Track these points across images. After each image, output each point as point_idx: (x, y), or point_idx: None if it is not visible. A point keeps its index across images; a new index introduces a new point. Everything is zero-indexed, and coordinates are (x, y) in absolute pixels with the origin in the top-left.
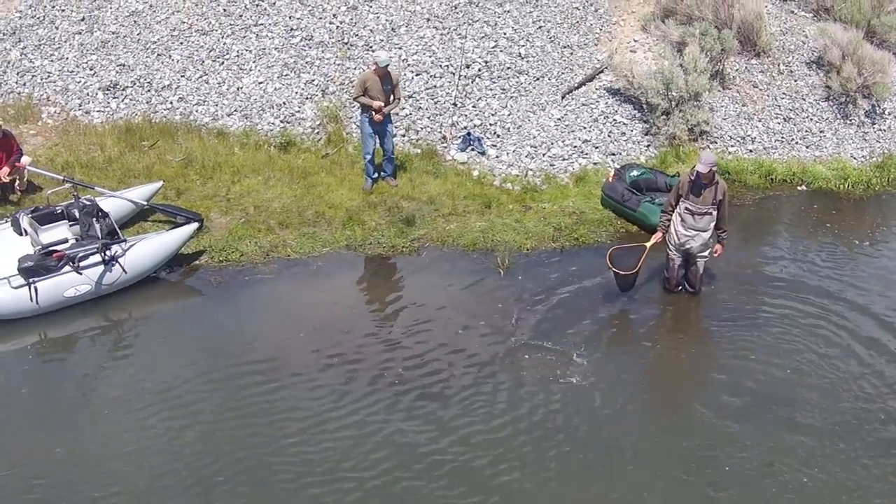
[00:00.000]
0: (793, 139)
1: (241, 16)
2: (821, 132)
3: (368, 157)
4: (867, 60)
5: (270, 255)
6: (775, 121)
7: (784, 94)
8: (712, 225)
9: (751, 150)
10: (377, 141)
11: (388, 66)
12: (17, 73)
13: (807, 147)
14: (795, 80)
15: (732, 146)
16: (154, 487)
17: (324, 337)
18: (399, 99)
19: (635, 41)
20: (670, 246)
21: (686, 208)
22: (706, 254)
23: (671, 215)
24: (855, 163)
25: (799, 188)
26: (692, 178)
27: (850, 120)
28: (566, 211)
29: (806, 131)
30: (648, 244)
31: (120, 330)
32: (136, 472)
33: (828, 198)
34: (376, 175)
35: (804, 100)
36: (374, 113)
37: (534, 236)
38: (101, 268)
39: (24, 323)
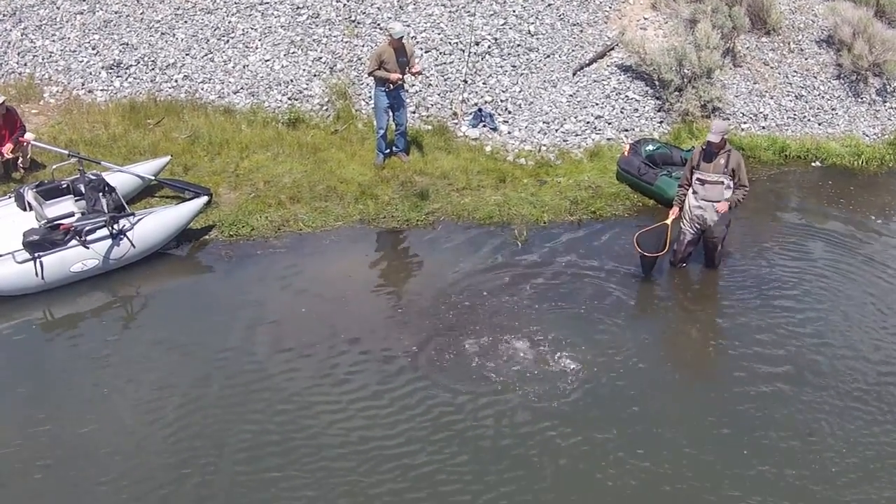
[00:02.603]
0: (805, 116)
1: None
2: (833, 110)
3: (382, 131)
4: (877, 39)
5: (282, 230)
6: (787, 98)
7: (795, 72)
8: (725, 196)
9: (763, 127)
10: (391, 116)
11: (402, 37)
12: (18, 54)
13: (819, 124)
14: (806, 59)
15: (745, 123)
16: (159, 467)
17: (339, 311)
18: (420, 73)
19: (645, 19)
20: (684, 220)
21: (698, 179)
22: (722, 230)
23: (687, 190)
24: (867, 140)
25: (813, 164)
26: (704, 147)
27: (862, 98)
28: (582, 185)
29: (818, 109)
30: (669, 221)
31: (128, 306)
32: (141, 453)
33: (842, 174)
34: (388, 150)
35: (815, 78)
36: (390, 85)
37: (550, 210)
38: (109, 242)
39: (29, 299)
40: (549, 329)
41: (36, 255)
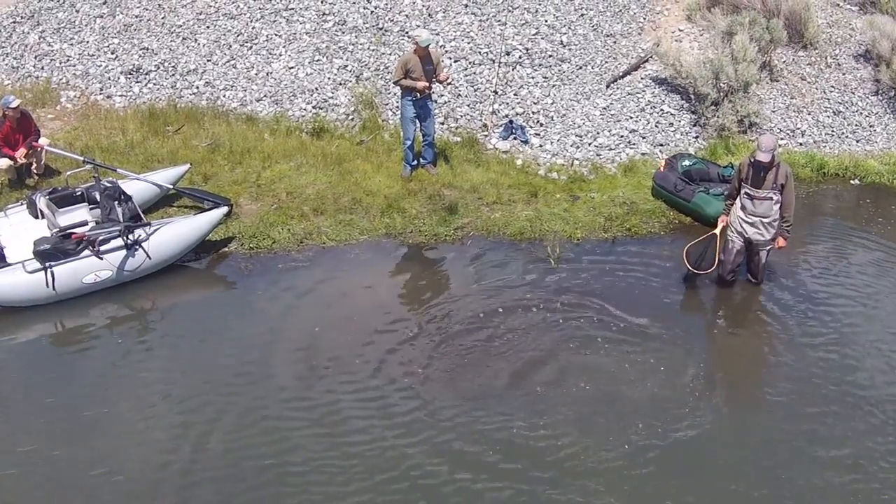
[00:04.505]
0: (843, 133)
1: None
2: (871, 126)
3: (408, 142)
4: None
5: (304, 243)
6: (825, 114)
7: (833, 87)
8: (774, 210)
9: (801, 144)
10: (417, 126)
11: (429, 45)
12: (35, 57)
13: (857, 141)
14: (844, 74)
15: (782, 139)
16: (173, 488)
17: (361, 330)
18: (448, 80)
19: (680, 30)
20: (732, 231)
21: (746, 193)
22: (768, 243)
23: (734, 201)
24: None
25: (852, 182)
26: (751, 160)
27: None
28: (616, 201)
29: (856, 125)
30: (718, 231)
31: (142, 319)
32: (154, 473)
33: (881, 192)
34: (415, 162)
35: (853, 93)
36: (416, 94)
37: (584, 226)
38: (124, 252)
39: (39, 311)
40: (584, 352)
41: (47, 264)
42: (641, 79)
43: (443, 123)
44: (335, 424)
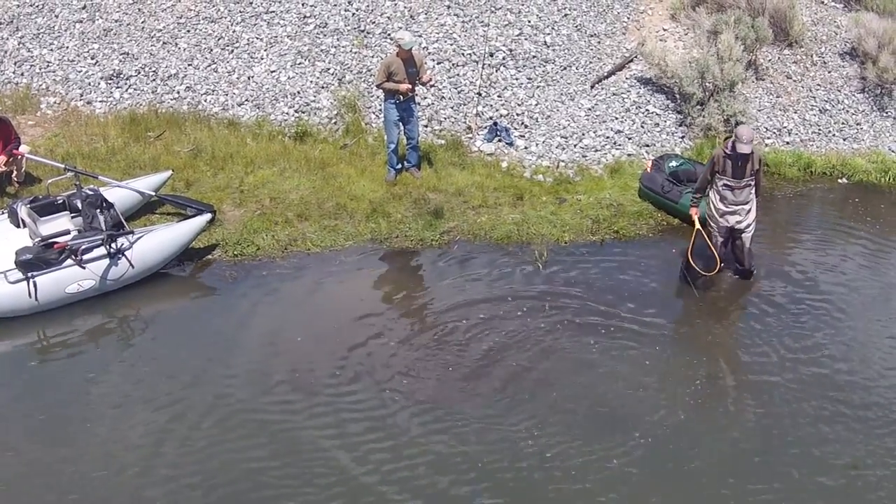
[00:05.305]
0: (830, 131)
1: (251, 3)
2: (857, 124)
3: (392, 146)
4: None
5: (289, 249)
6: (811, 112)
7: (818, 85)
8: (752, 196)
9: (787, 143)
10: (401, 129)
11: (412, 47)
12: (15, 63)
13: (844, 139)
14: (829, 72)
15: (769, 138)
16: (157, 498)
17: (349, 338)
18: (431, 82)
19: (664, 30)
20: (712, 225)
21: (725, 184)
22: (750, 225)
23: (703, 194)
24: (893, 156)
25: (839, 181)
26: (727, 151)
27: (887, 112)
28: (603, 203)
29: (843, 123)
30: (697, 225)
31: (126, 329)
32: (140, 483)
33: (869, 191)
34: (400, 166)
35: (839, 91)
36: (400, 97)
37: (571, 229)
38: (106, 261)
39: (22, 321)
40: (574, 356)
41: (29, 274)
42: (626, 79)
43: (427, 126)
44: (321, 439)
